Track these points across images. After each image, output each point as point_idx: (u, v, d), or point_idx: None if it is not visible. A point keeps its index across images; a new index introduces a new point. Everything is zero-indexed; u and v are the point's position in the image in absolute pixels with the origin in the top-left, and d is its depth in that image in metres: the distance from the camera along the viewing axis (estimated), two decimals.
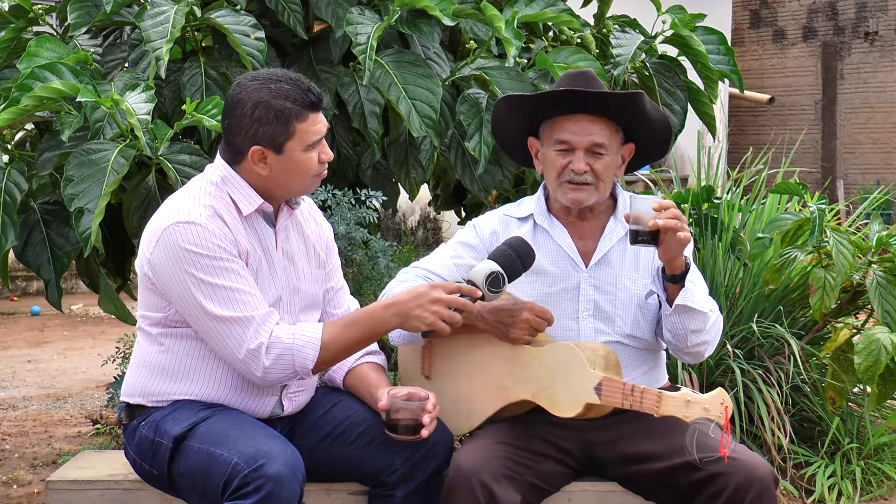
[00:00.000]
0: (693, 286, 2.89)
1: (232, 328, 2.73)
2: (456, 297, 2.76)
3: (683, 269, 2.87)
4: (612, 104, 2.97)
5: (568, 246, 3.05)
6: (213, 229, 2.74)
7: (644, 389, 2.75)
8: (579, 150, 2.97)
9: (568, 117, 2.99)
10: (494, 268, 2.81)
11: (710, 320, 2.93)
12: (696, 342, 2.94)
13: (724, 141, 8.33)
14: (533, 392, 2.90)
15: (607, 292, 3.02)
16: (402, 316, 2.78)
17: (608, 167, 3.00)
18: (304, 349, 2.76)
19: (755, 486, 2.75)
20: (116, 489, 3.03)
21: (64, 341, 8.67)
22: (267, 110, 2.75)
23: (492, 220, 3.15)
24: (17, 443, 5.29)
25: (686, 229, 2.78)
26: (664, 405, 2.72)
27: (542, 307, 2.93)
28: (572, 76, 3.03)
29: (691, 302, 2.87)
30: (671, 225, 2.76)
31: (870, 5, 14.51)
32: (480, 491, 2.74)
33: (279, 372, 2.77)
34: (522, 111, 3.08)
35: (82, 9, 3.96)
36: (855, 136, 14.65)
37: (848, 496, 4.23)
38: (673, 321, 2.92)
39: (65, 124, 3.56)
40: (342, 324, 2.83)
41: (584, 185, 2.98)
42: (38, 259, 3.86)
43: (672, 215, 2.76)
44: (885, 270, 4.15)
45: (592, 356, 2.84)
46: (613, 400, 2.78)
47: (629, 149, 3.09)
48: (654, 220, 2.76)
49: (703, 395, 2.71)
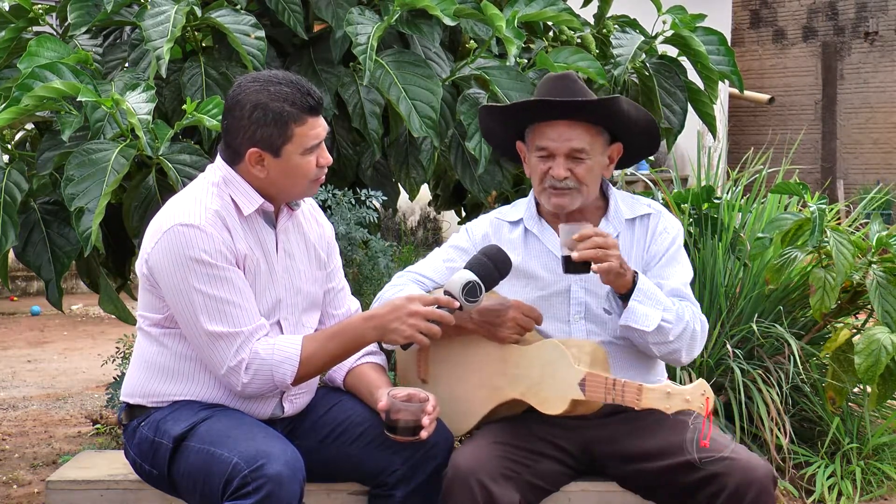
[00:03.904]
0: (639, 305, 2.88)
1: (218, 343, 2.75)
2: (433, 308, 2.77)
3: (629, 288, 2.87)
4: (588, 110, 2.97)
5: (557, 249, 3.05)
6: (214, 233, 2.74)
7: (625, 383, 2.76)
8: (559, 155, 2.97)
9: (547, 123, 2.99)
10: (470, 277, 2.82)
11: (674, 331, 2.90)
12: (664, 351, 2.95)
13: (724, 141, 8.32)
14: (522, 390, 2.91)
15: (598, 295, 3.02)
16: (381, 329, 2.79)
17: (591, 170, 2.99)
18: (283, 365, 2.77)
19: (754, 486, 2.75)
20: (116, 489, 3.03)
21: (64, 341, 8.67)
22: (265, 113, 2.74)
23: (483, 224, 3.16)
24: (17, 443, 5.29)
25: (606, 260, 2.79)
26: (645, 398, 2.73)
27: (529, 306, 2.94)
28: (551, 81, 3.03)
29: (633, 322, 2.88)
30: (588, 256, 2.78)
31: (870, 5, 14.50)
32: (479, 491, 2.74)
33: (258, 387, 2.79)
34: (503, 118, 3.09)
35: (82, 9, 3.96)
36: (855, 136, 14.65)
37: (848, 496, 4.23)
38: (628, 335, 2.94)
39: (65, 124, 3.56)
40: (322, 337, 2.84)
41: (565, 190, 2.98)
42: (38, 259, 3.86)
43: (592, 245, 2.78)
44: (885, 270, 4.14)
45: (578, 353, 2.85)
46: (597, 395, 2.79)
47: (617, 148, 3.08)
48: (573, 252, 2.79)
49: (683, 387, 2.71)
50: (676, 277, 3.01)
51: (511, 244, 3.07)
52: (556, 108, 2.95)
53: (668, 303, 2.92)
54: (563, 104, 2.94)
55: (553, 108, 2.95)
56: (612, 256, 2.80)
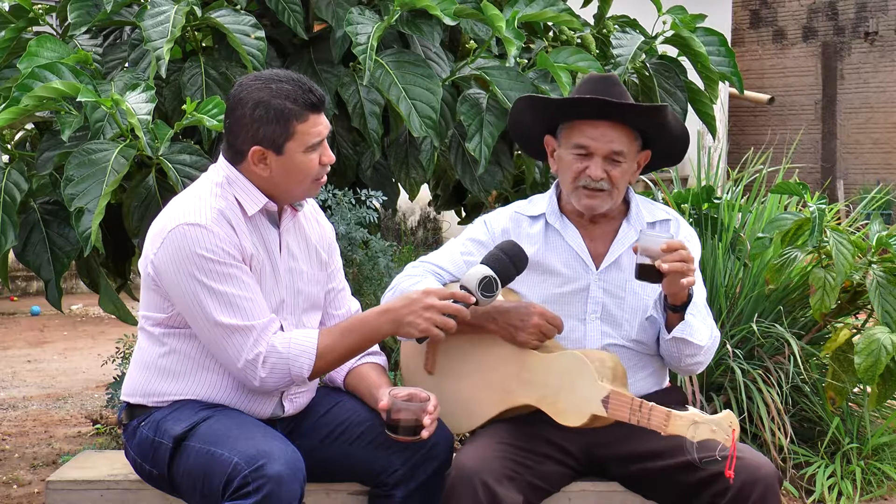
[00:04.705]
0: (693, 319, 2.90)
1: (233, 336, 2.74)
2: (449, 303, 2.77)
3: (685, 300, 2.87)
4: (635, 114, 2.96)
5: (579, 247, 3.04)
6: (219, 232, 2.74)
7: (653, 407, 2.74)
8: (598, 156, 2.96)
9: (589, 122, 2.96)
10: (487, 272, 2.81)
11: (706, 345, 2.94)
12: (689, 363, 2.97)
13: (724, 141, 8.32)
14: (537, 398, 2.89)
15: (617, 296, 3.02)
16: (396, 323, 2.78)
17: (624, 174, 2.99)
18: (300, 358, 2.77)
19: (759, 485, 2.75)
20: (116, 489, 3.03)
21: (64, 341, 8.67)
22: (267, 110, 2.74)
23: (503, 218, 3.14)
24: (17, 443, 5.29)
25: (691, 272, 2.78)
26: (672, 424, 2.71)
27: (553, 314, 2.93)
28: (596, 80, 3.01)
29: (689, 335, 2.90)
30: (677, 268, 2.76)
31: (870, 5, 14.51)
32: (482, 491, 2.74)
33: (276, 381, 2.78)
34: (542, 110, 3.07)
35: (82, 9, 3.96)
36: (855, 136, 14.66)
37: (848, 496, 4.23)
38: (669, 345, 2.94)
39: (65, 124, 3.56)
40: (337, 331, 2.84)
41: (599, 191, 2.97)
42: (38, 259, 3.86)
43: (679, 258, 2.76)
44: (885, 270, 4.15)
45: (601, 367, 2.83)
46: (620, 414, 2.78)
47: (645, 156, 3.08)
48: (660, 263, 2.75)
49: (711, 417, 2.69)
50: (700, 293, 3.01)
51: (530, 239, 3.06)
52: (602, 107, 2.93)
53: (708, 319, 2.97)
54: (613, 105, 2.92)
55: (599, 107, 2.93)
56: (692, 270, 2.80)
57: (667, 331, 2.92)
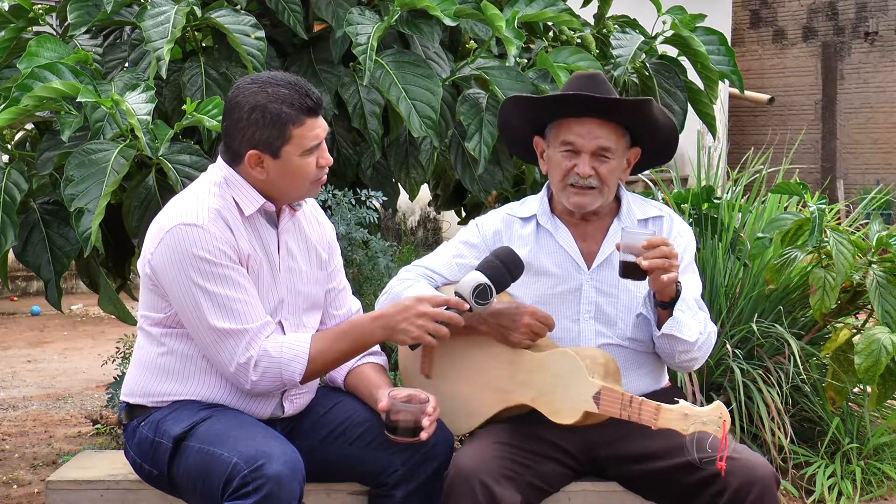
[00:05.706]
0: (682, 315, 2.89)
1: (226, 340, 2.74)
2: (442, 310, 2.77)
3: (673, 296, 2.87)
4: (622, 109, 2.96)
5: (571, 247, 3.05)
6: (216, 233, 2.74)
7: (642, 401, 2.75)
8: (585, 153, 2.96)
9: (575, 119, 2.97)
10: (482, 280, 2.81)
11: (700, 341, 2.94)
12: (683, 359, 2.97)
13: (724, 141, 8.32)
14: (532, 397, 2.90)
15: (610, 295, 3.02)
16: (389, 329, 2.79)
17: (613, 171, 2.99)
18: (292, 363, 2.77)
19: (757, 486, 2.75)
20: (116, 489, 3.03)
21: (64, 341, 8.67)
22: (264, 114, 2.74)
23: (495, 220, 3.14)
24: (17, 443, 5.29)
25: (674, 268, 2.78)
26: (662, 418, 2.72)
27: (544, 313, 2.93)
28: (582, 78, 3.02)
29: (678, 332, 2.89)
30: (657, 265, 2.76)
31: (870, 5, 14.51)
32: (481, 491, 2.74)
33: (267, 384, 2.79)
34: (529, 110, 3.07)
35: (82, 9, 3.96)
36: (855, 136, 14.66)
37: (848, 496, 4.23)
38: (661, 342, 2.94)
39: (65, 124, 3.56)
40: (331, 336, 2.84)
41: (588, 189, 2.97)
42: (38, 259, 3.86)
43: (660, 254, 2.76)
44: (885, 270, 4.14)
45: (592, 364, 2.83)
46: (612, 409, 2.78)
47: (635, 153, 3.08)
48: (640, 260, 2.76)
49: (701, 409, 2.70)
50: (691, 288, 3.00)
51: (522, 240, 3.06)
52: (587, 104, 2.93)
53: (700, 314, 2.95)
54: (597, 100, 2.92)
55: (585, 104, 2.94)
56: (675, 266, 2.80)
57: (657, 328, 2.92)
